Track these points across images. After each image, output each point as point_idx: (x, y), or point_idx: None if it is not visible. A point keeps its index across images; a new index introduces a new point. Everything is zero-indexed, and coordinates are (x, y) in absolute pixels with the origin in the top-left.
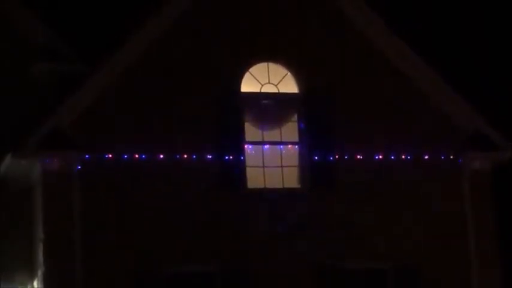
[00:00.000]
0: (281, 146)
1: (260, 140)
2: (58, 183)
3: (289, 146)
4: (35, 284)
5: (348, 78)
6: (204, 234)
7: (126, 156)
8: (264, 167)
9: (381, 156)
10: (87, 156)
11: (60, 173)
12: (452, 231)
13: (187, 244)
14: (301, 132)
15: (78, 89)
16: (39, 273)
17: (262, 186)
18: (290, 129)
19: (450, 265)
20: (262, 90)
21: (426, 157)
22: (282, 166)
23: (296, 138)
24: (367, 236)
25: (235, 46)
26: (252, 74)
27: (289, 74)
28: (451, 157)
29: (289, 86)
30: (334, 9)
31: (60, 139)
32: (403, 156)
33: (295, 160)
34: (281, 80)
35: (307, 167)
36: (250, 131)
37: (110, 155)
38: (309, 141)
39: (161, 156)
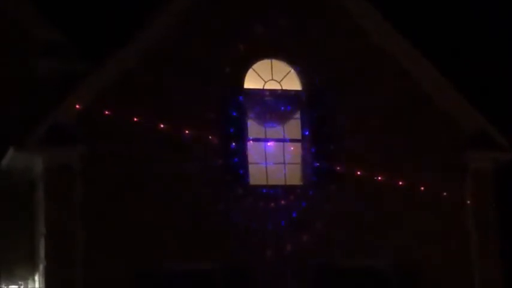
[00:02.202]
0: (284, 143)
1: (263, 136)
2: (60, 177)
3: (292, 143)
4: (36, 278)
5: (352, 76)
6: (205, 230)
7: (127, 152)
8: (266, 163)
9: (382, 154)
10: (89, 151)
11: (61, 168)
12: (453, 230)
13: (188, 241)
14: (304, 129)
15: (80, 84)
16: (41, 267)
17: (264, 183)
18: (293, 127)
19: (451, 264)
20: (265, 87)
21: (428, 156)
22: (284, 163)
23: (299, 136)
24: (369, 234)
25: (238, 42)
26: (255, 71)
27: (292, 71)
28: (453, 156)
29: (292, 83)
30: (338, 6)
31: (62, 134)
32: (404, 154)
33: (297, 157)
34: (284, 77)
35: (309, 165)
36: (253, 128)
37: (112, 150)
38: (312, 138)
39: (163, 152)
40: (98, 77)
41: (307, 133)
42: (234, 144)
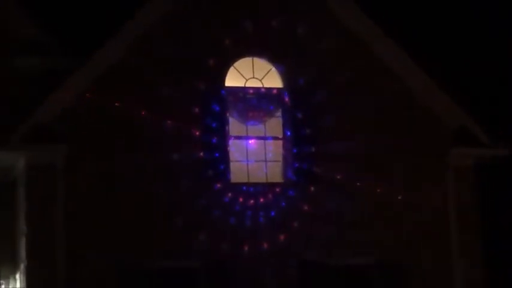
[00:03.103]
0: (265, 141)
1: (244, 134)
2: (41, 176)
3: (273, 140)
4: (17, 277)
5: (333, 74)
6: (187, 228)
7: (109, 150)
8: (247, 161)
9: (364, 151)
10: (71, 149)
11: (43, 167)
12: (436, 226)
13: (169, 239)
14: (285, 127)
15: (62, 83)
16: (22, 266)
17: (245, 180)
18: (274, 124)
19: (433, 260)
20: (246, 85)
21: (410, 152)
22: (265, 161)
23: (280, 133)
24: (351, 231)
25: (220, 40)
26: (236, 69)
27: (273, 69)
28: (435, 152)
29: (273, 81)
30: (321, 5)
31: (44, 132)
32: (386, 154)
33: (278, 155)
34: (265, 75)
35: (290, 162)
36: (235, 126)
37: (94, 149)
38: (293, 136)
39: (144, 151)
40: (80, 75)
41: (288, 133)
42: (215, 142)
